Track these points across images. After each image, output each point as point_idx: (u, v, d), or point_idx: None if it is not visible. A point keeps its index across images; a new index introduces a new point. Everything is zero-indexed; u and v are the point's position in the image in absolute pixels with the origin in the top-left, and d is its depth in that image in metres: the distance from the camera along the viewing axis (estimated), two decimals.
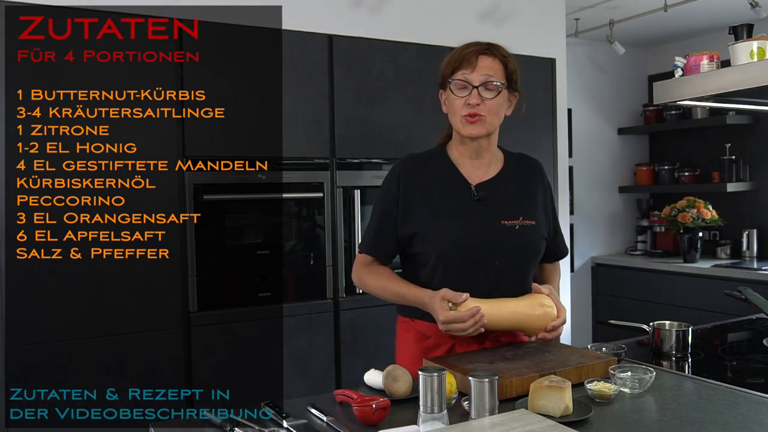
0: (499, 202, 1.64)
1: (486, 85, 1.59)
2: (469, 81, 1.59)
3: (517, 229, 1.62)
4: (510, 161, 1.72)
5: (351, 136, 2.76)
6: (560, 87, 3.38)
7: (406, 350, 1.73)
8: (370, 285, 1.70)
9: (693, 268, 3.98)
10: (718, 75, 1.84)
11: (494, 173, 1.68)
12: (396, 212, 1.65)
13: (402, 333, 1.76)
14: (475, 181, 1.66)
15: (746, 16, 3.39)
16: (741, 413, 1.34)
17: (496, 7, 3.21)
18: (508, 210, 1.64)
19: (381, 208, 1.69)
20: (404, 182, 1.66)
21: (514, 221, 1.62)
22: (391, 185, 1.68)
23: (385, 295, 1.69)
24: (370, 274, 1.70)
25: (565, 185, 3.43)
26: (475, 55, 1.59)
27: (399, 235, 1.66)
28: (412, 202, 1.64)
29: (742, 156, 4.23)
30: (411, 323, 1.71)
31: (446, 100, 1.66)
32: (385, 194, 1.69)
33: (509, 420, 1.14)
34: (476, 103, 1.58)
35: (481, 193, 1.64)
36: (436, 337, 1.66)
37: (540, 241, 1.68)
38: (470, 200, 1.63)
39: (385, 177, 1.73)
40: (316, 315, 2.67)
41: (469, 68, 1.59)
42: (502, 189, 1.66)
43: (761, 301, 2.04)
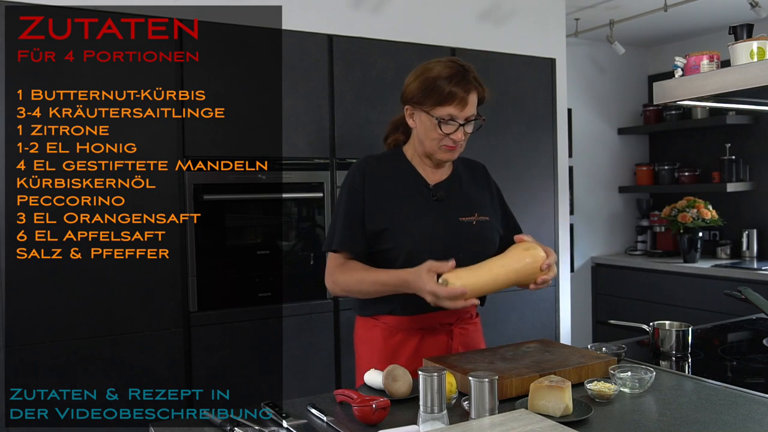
0: (455, 201, 1.73)
1: (469, 120, 1.64)
2: (457, 120, 1.62)
3: (474, 225, 1.70)
4: (458, 164, 1.81)
5: (351, 136, 2.76)
6: (560, 87, 3.38)
7: (372, 349, 1.71)
8: (347, 281, 1.66)
9: (693, 268, 3.98)
10: (718, 75, 1.84)
11: (447, 175, 1.77)
12: (362, 207, 1.68)
13: (364, 333, 1.75)
14: (432, 182, 1.74)
15: (746, 16, 3.39)
16: (741, 413, 1.34)
17: (496, 7, 3.21)
18: (463, 208, 1.72)
19: (346, 206, 1.69)
20: (368, 179, 1.70)
21: (471, 217, 1.71)
22: (355, 182, 1.70)
23: (362, 287, 1.65)
24: (345, 271, 1.67)
25: (565, 185, 3.43)
26: (466, 93, 1.61)
27: (367, 230, 1.67)
28: (379, 198, 1.68)
29: (742, 156, 4.23)
30: (375, 321, 1.72)
31: (418, 119, 1.67)
32: (349, 191, 1.70)
33: (509, 420, 1.14)
34: (461, 139, 1.65)
35: (439, 193, 1.72)
36: (405, 332, 1.68)
37: (495, 233, 1.76)
38: (429, 199, 1.71)
39: (345, 176, 1.75)
40: (316, 315, 2.67)
41: (459, 107, 1.61)
42: (456, 189, 1.75)
43: (761, 301, 2.04)
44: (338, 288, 1.69)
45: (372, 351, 1.71)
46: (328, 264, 1.72)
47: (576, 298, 4.33)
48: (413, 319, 1.68)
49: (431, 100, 1.61)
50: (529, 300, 3.22)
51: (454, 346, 1.72)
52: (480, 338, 1.83)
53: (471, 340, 1.77)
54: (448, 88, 1.59)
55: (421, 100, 1.63)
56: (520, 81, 3.20)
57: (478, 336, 1.82)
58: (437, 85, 1.60)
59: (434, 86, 1.61)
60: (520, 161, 3.13)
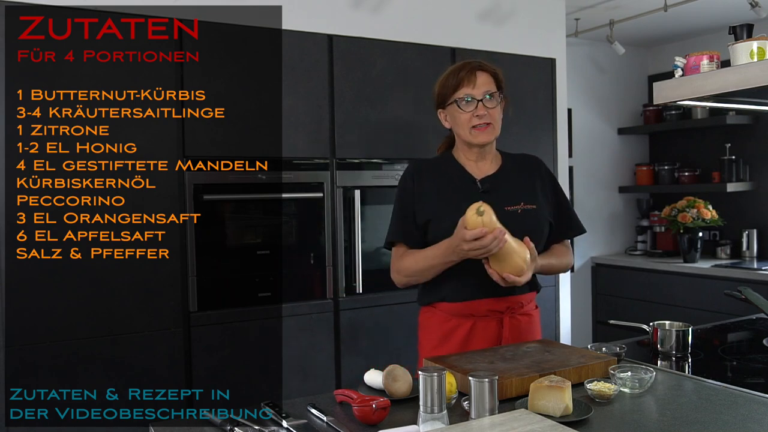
0: (501, 192, 1.81)
1: (487, 97, 1.77)
2: (473, 96, 1.77)
3: (520, 213, 1.78)
4: (507, 159, 1.91)
5: (351, 136, 2.76)
6: (560, 87, 3.38)
7: (430, 334, 1.83)
8: (406, 266, 1.80)
9: (693, 268, 3.98)
10: (718, 75, 1.83)
11: (495, 169, 1.87)
12: (413, 204, 1.82)
13: (425, 321, 1.86)
14: (479, 176, 1.84)
15: (746, 16, 3.39)
16: (741, 413, 1.34)
17: (496, 7, 3.21)
18: (509, 198, 1.80)
19: (400, 203, 1.85)
20: (418, 179, 1.85)
21: (516, 206, 1.79)
22: (407, 182, 1.86)
23: (417, 266, 1.78)
24: (405, 258, 1.81)
25: (565, 185, 3.42)
26: (473, 73, 1.78)
27: (417, 222, 1.80)
28: (427, 194, 1.82)
29: (742, 156, 4.23)
30: (433, 309, 1.83)
31: (449, 116, 1.84)
32: (403, 190, 1.86)
33: (509, 420, 1.14)
34: (484, 113, 1.77)
35: (485, 185, 1.82)
36: (458, 318, 1.78)
37: (542, 222, 1.83)
38: (476, 192, 1.80)
39: (400, 179, 1.90)
40: (316, 315, 2.67)
41: (470, 85, 1.77)
42: (503, 181, 1.84)
43: (761, 301, 2.04)
44: (401, 276, 1.83)
45: (429, 336, 1.82)
46: (393, 256, 1.86)
47: (576, 298, 4.33)
48: (464, 305, 1.77)
49: (448, 92, 1.80)
50: None
51: (504, 336, 1.78)
52: (537, 330, 1.87)
53: (525, 332, 1.82)
54: (457, 76, 1.78)
55: (443, 98, 1.82)
56: (520, 81, 3.19)
57: (535, 329, 1.86)
58: (449, 79, 1.80)
59: (447, 81, 1.80)
60: None
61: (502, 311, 1.79)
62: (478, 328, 1.77)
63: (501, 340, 1.78)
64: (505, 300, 1.78)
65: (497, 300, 1.77)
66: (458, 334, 1.77)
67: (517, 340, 1.79)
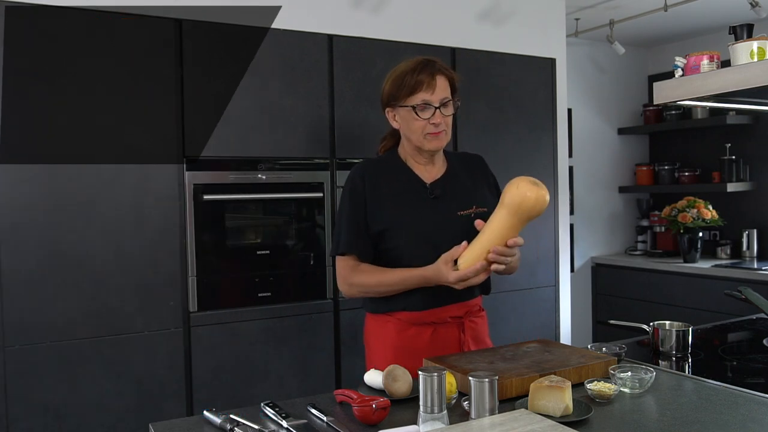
0: (453, 197, 1.78)
1: (444, 103, 1.72)
2: (430, 103, 1.70)
3: (473, 217, 1.72)
4: (452, 160, 1.87)
5: (351, 136, 2.76)
6: (560, 87, 3.38)
7: (386, 343, 1.77)
8: (365, 283, 1.73)
9: (693, 268, 3.98)
10: (718, 75, 1.84)
11: (443, 172, 1.83)
12: (365, 210, 1.75)
13: (377, 329, 1.80)
14: (429, 180, 1.79)
15: (746, 16, 3.39)
16: (741, 413, 1.34)
17: (496, 7, 3.21)
18: (461, 202, 1.77)
19: (349, 209, 1.76)
20: (368, 182, 1.76)
21: (469, 210, 1.76)
22: (356, 186, 1.77)
23: (380, 288, 1.73)
24: (362, 273, 1.74)
25: (565, 185, 3.42)
26: (432, 77, 1.70)
27: (370, 231, 1.74)
28: (379, 200, 1.75)
29: (742, 156, 4.23)
30: (388, 317, 1.77)
31: (399, 118, 1.76)
32: (351, 195, 1.77)
33: (509, 420, 1.14)
34: (440, 122, 1.71)
35: (436, 190, 1.77)
36: (418, 326, 1.75)
37: None
38: (427, 197, 1.76)
39: (345, 181, 1.81)
40: (316, 315, 2.67)
41: (429, 91, 1.69)
42: (453, 185, 1.81)
43: (761, 301, 2.04)
44: (354, 290, 1.76)
45: (385, 345, 1.77)
46: (338, 268, 1.78)
47: (576, 298, 4.33)
48: (426, 313, 1.74)
49: (403, 93, 1.71)
50: (529, 300, 3.22)
51: (465, 339, 1.78)
52: (486, 330, 1.89)
53: (480, 333, 1.84)
54: (415, 77, 1.70)
55: (395, 97, 1.73)
56: (520, 81, 3.20)
57: (485, 328, 1.88)
58: (405, 79, 1.71)
59: (403, 80, 1.72)
60: (520, 161, 3.13)
61: (462, 316, 1.79)
62: (439, 335, 1.75)
63: (462, 345, 1.77)
64: (465, 304, 1.79)
65: (459, 305, 1.77)
66: (420, 341, 1.74)
67: (476, 341, 1.80)
